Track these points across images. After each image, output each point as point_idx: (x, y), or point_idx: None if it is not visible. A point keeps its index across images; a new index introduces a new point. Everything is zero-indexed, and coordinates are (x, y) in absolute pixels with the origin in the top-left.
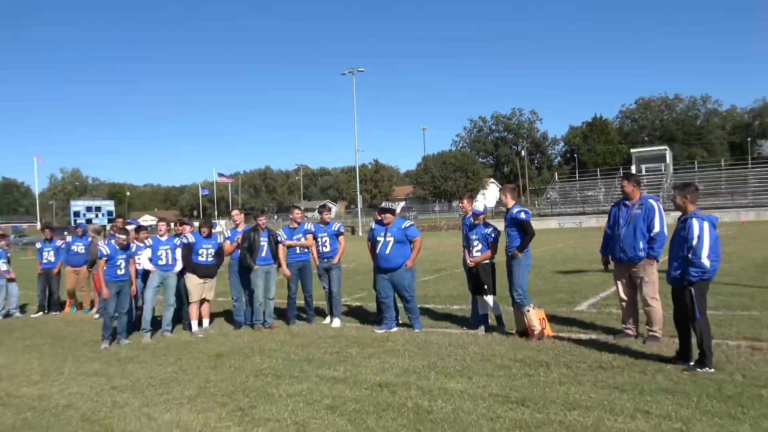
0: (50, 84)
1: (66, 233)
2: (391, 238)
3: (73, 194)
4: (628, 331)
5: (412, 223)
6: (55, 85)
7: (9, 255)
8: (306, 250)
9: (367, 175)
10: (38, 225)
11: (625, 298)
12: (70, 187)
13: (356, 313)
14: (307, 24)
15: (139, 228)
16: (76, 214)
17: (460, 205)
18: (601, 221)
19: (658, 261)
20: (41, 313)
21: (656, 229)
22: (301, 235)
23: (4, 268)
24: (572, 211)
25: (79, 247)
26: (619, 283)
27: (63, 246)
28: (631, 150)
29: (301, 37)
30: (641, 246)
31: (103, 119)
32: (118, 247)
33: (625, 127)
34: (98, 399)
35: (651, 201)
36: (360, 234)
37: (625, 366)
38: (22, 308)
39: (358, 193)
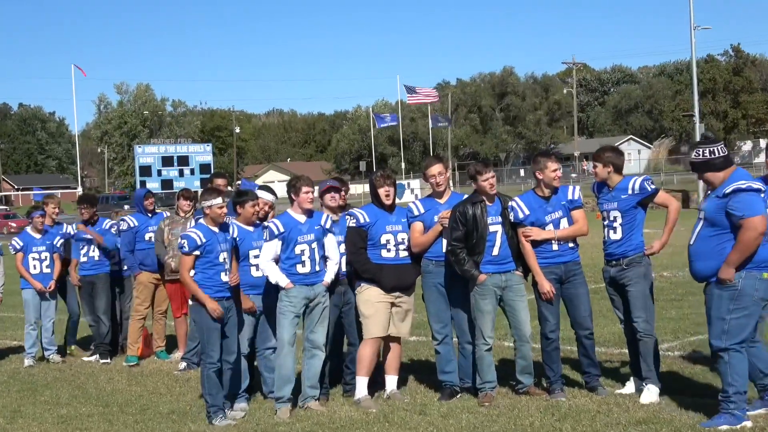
0: None
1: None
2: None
3: (141, 133)
4: None
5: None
6: None
7: (60, 244)
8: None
9: (716, 78)
10: (78, 190)
11: None
12: (135, 119)
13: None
14: None
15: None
16: (145, 170)
17: None
18: None
19: None
20: (96, 356)
21: None
22: (560, 212)
23: (36, 270)
24: None
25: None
26: None
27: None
28: None
29: None
30: None
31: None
32: (212, 226)
33: None
34: None
35: None
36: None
37: None
38: (61, 348)
39: (697, 117)
